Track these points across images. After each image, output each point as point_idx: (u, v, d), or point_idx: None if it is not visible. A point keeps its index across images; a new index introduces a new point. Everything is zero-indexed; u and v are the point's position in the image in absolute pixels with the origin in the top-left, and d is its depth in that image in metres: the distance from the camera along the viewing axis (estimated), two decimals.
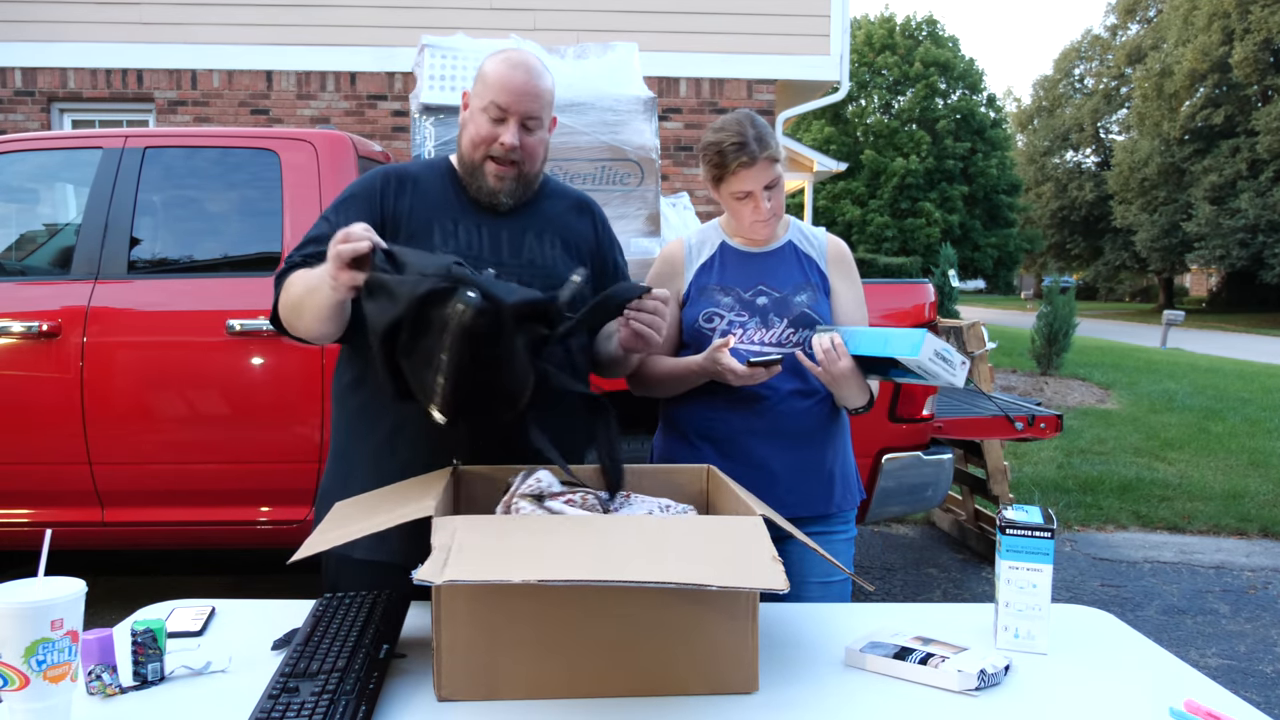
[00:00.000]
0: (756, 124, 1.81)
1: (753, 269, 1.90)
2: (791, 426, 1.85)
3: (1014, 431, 3.70)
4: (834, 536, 1.91)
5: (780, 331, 1.84)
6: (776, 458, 1.85)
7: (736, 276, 1.89)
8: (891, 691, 1.21)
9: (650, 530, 1.21)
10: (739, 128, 1.79)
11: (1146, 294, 40.35)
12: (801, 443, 1.86)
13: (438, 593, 1.14)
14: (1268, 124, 26.03)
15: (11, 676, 1.01)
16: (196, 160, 3.35)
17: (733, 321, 1.85)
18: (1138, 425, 8.05)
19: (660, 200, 3.61)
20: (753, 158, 1.78)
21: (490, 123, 1.58)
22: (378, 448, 1.64)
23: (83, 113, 7.42)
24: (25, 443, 3.12)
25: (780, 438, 1.85)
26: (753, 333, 1.84)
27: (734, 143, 1.78)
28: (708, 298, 1.88)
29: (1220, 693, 1.23)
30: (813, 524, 1.89)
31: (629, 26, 7.04)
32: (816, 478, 1.88)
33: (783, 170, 1.85)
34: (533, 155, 1.62)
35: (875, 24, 34.51)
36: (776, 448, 1.85)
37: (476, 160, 1.61)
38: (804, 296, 1.86)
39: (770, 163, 1.80)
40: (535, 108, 1.59)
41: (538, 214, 1.70)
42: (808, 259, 1.92)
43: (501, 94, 1.57)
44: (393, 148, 6.90)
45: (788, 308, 1.85)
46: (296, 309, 1.55)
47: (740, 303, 1.86)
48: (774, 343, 1.84)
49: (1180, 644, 3.45)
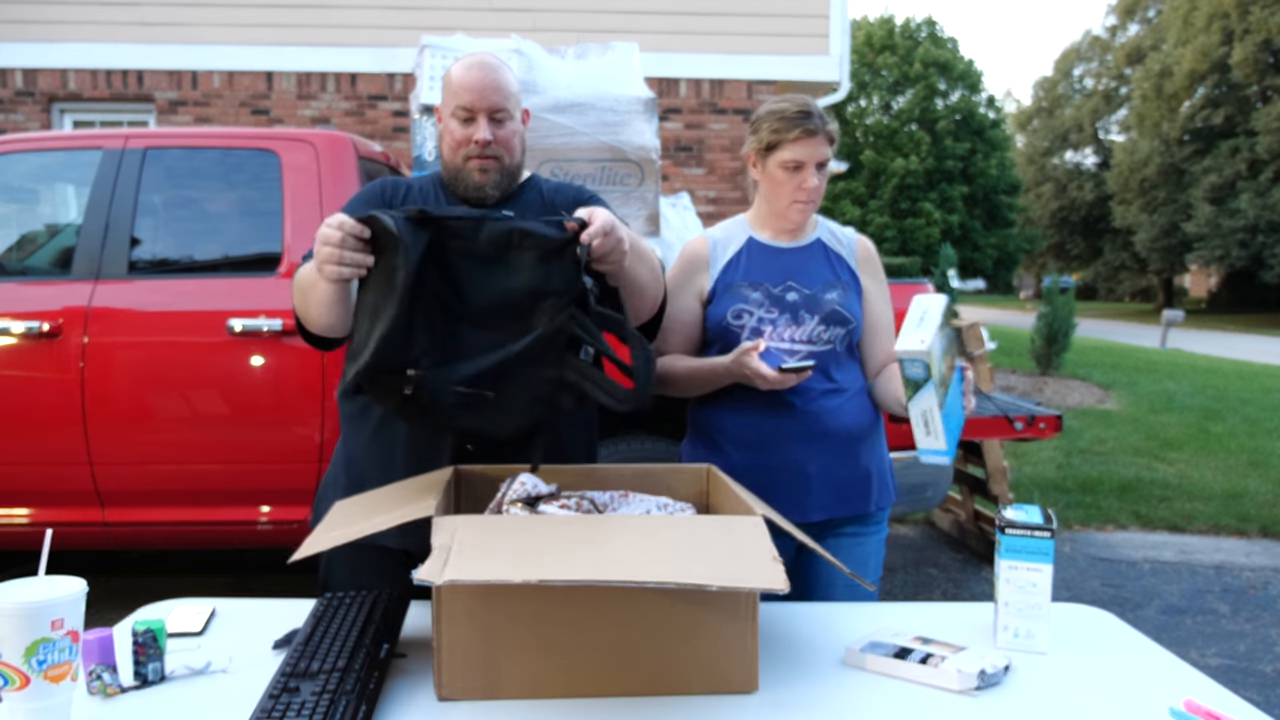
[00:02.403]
0: (815, 104, 1.82)
1: (781, 264, 1.85)
2: (826, 427, 1.80)
3: (1014, 431, 3.70)
4: (869, 537, 1.88)
5: (812, 328, 1.81)
6: (813, 460, 1.80)
7: (765, 272, 1.84)
8: (891, 691, 1.22)
9: (650, 530, 1.21)
10: (803, 102, 1.79)
11: (1146, 294, 40.34)
12: (837, 443, 1.81)
13: (438, 593, 1.14)
14: (1267, 124, 26.03)
15: (12, 676, 1.01)
16: (197, 161, 3.35)
17: (762, 318, 1.80)
18: (1137, 425, 8.05)
19: (660, 200, 3.61)
20: (816, 128, 1.77)
21: (461, 125, 1.64)
22: (378, 448, 1.65)
23: (83, 113, 7.42)
24: (26, 443, 3.12)
25: (815, 439, 1.80)
26: (783, 330, 1.80)
27: (800, 110, 1.77)
28: (735, 294, 1.83)
29: (1220, 692, 1.23)
30: (850, 524, 1.86)
31: (629, 26, 7.05)
32: (853, 478, 1.84)
33: (831, 160, 1.83)
34: (508, 147, 1.67)
35: (875, 24, 34.49)
36: (812, 450, 1.80)
37: (459, 163, 1.66)
38: (834, 294, 1.83)
39: (828, 141, 1.79)
40: (498, 100, 1.63)
41: (523, 205, 1.73)
42: (837, 257, 1.89)
43: (464, 95, 1.63)
44: (393, 148, 6.90)
45: (818, 304, 1.81)
46: (304, 303, 1.58)
47: (770, 299, 1.82)
48: (805, 340, 1.80)
49: (1180, 644, 3.45)
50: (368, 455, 1.66)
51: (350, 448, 1.70)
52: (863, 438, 1.85)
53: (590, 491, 1.50)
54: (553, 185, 1.81)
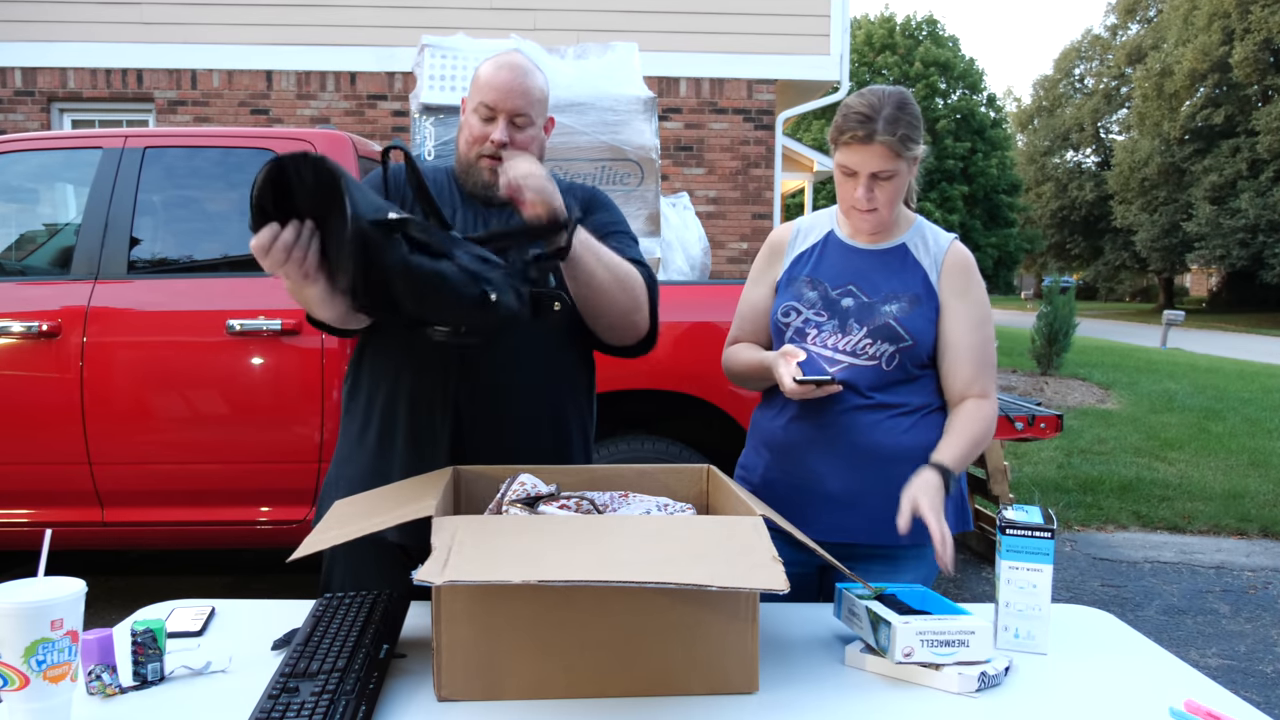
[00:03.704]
0: (903, 107, 1.60)
1: (851, 266, 1.71)
2: (856, 442, 1.64)
3: (1014, 431, 3.70)
4: (899, 576, 1.64)
5: (857, 340, 1.65)
6: (835, 476, 1.65)
7: (831, 271, 1.72)
8: (891, 692, 1.21)
9: (650, 530, 1.21)
10: (877, 100, 1.59)
11: (1146, 294, 40.36)
12: (867, 461, 1.64)
13: (438, 593, 1.14)
14: (1268, 124, 26.03)
15: (11, 676, 1.00)
16: (196, 160, 3.35)
17: (809, 320, 1.69)
18: (1138, 425, 8.05)
19: (660, 200, 3.62)
20: (869, 136, 1.57)
21: (481, 122, 1.63)
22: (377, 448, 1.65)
23: (83, 113, 7.42)
24: (25, 443, 3.12)
25: (842, 455, 1.65)
26: (827, 336, 1.67)
27: (860, 113, 1.58)
28: (794, 290, 1.73)
29: (1220, 693, 1.23)
30: (877, 557, 1.65)
31: (629, 26, 7.05)
32: (882, 503, 1.58)
33: (908, 170, 1.64)
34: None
35: (875, 24, 34.50)
36: (836, 465, 1.65)
37: (472, 158, 1.65)
38: (894, 306, 1.65)
39: (889, 152, 1.58)
40: (522, 105, 1.62)
41: None
42: (916, 266, 1.69)
43: (489, 93, 1.62)
44: None
45: (872, 315, 1.65)
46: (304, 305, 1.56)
47: (824, 300, 1.69)
48: (848, 351, 1.65)
49: (1180, 644, 3.45)
50: (366, 454, 1.66)
51: (349, 447, 1.70)
52: (903, 460, 1.61)
53: (590, 492, 1.50)
54: (563, 186, 1.80)
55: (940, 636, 1.24)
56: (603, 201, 1.80)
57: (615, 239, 1.73)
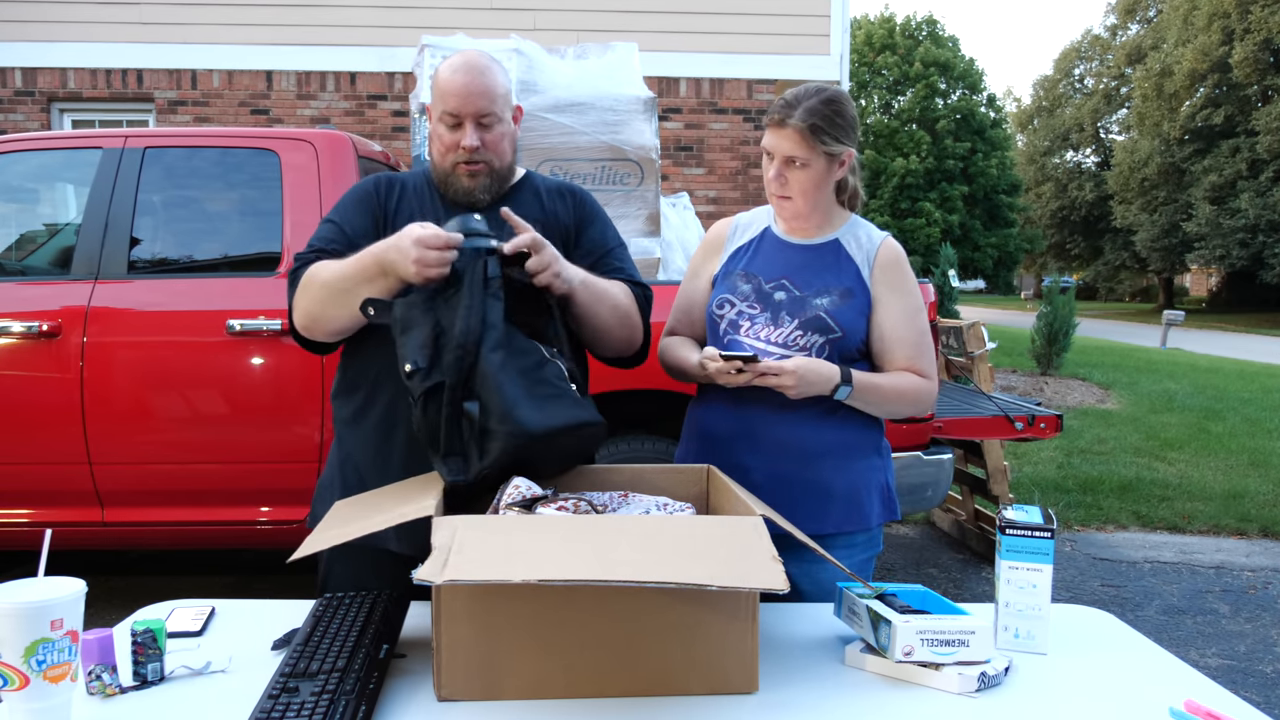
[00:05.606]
0: (829, 103, 1.67)
1: (784, 261, 1.77)
2: (775, 434, 1.70)
3: (1014, 431, 3.70)
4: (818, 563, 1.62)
5: (788, 332, 1.70)
6: (760, 468, 1.70)
7: (765, 265, 1.77)
8: (891, 692, 1.21)
9: (650, 530, 1.21)
10: (804, 93, 1.68)
11: (1146, 294, 40.35)
12: (789, 455, 1.70)
13: (438, 593, 1.14)
14: (1268, 124, 26.02)
15: (11, 676, 1.01)
16: (196, 160, 3.35)
17: (743, 312, 1.74)
18: (1138, 425, 8.05)
19: (660, 200, 3.61)
20: (783, 120, 1.66)
21: (449, 130, 1.63)
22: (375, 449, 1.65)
23: (83, 113, 7.42)
24: (25, 443, 3.12)
25: (762, 445, 1.70)
26: (760, 328, 1.73)
27: (785, 99, 1.68)
28: (730, 283, 1.78)
29: (1220, 693, 1.23)
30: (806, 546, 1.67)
31: (629, 26, 7.04)
32: (805, 494, 1.69)
33: (826, 165, 1.69)
34: (498, 150, 1.66)
35: (875, 24, 34.49)
36: (761, 458, 1.70)
37: (447, 168, 1.66)
38: (825, 300, 1.71)
39: (799, 137, 1.65)
40: (485, 105, 1.61)
41: (517, 205, 1.71)
42: (849, 261, 1.75)
43: (450, 100, 1.61)
44: (393, 148, 6.90)
45: (803, 308, 1.71)
46: (324, 305, 1.56)
47: (757, 294, 1.74)
48: (779, 343, 1.70)
49: (1180, 644, 3.45)
50: (365, 456, 1.66)
51: (346, 448, 1.70)
52: (828, 454, 1.70)
53: (589, 492, 1.50)
54: (551, 184, 1.80)
55: (940, 636, 1.24)
56: (592, 211, 1.80)
57: (611, 256, 1.76)
